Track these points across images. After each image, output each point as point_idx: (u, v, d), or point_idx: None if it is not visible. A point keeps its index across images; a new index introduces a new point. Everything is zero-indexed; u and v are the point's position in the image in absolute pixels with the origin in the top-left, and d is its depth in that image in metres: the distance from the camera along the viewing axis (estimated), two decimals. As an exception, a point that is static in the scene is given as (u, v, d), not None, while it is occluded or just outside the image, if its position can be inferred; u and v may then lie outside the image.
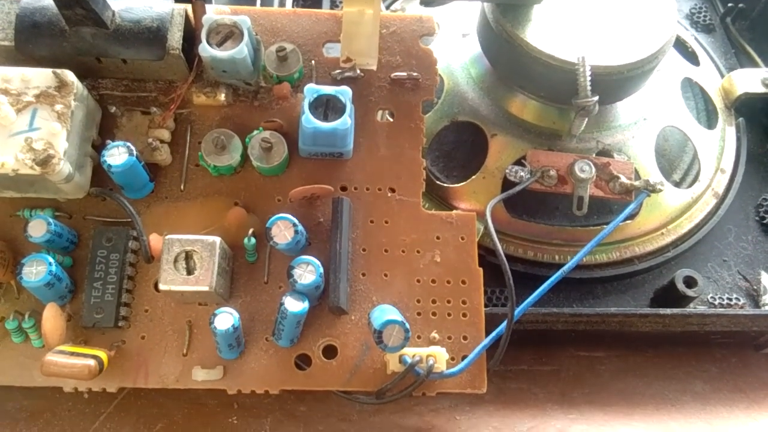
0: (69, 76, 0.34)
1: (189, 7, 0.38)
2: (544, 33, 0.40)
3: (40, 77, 0.34)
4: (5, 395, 0.42)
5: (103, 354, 0.34)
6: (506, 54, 0.42)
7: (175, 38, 0.37)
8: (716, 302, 0.46)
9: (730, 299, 0.47)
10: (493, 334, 0.37)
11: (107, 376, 0.35)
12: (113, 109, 0.38)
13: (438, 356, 0.35)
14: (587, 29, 0.41)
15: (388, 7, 0.56)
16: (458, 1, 0.42)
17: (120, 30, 0.36)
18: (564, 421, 0.44)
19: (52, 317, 0.34)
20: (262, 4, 0.52)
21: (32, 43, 0.36)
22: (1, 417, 0.42)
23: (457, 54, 0.49)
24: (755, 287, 0.47)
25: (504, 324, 0.36)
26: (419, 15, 0.42)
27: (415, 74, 0.41)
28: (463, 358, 0.36)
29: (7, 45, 0.36)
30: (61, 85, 0.34)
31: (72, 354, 0.33)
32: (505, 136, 0.45)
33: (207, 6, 0.39)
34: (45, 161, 0.32)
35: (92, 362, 0.32)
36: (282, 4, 0.53)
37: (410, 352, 0.35)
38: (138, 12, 0.36)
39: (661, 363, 0.47)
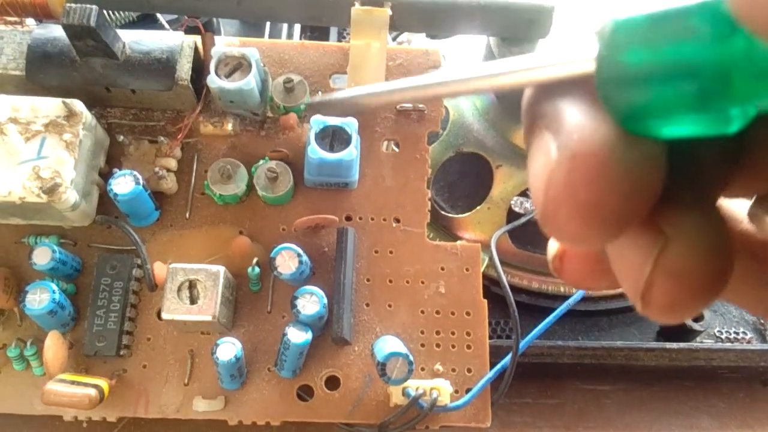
0: (78, 105, 0.34)
1: (198, 38, 0.39)
2: (549, 66, 0.41)
3: (50, 107, 0.34)
4: (5, 423, 0.42)
5: (104, 383, 0.34)
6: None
7: (184, 69, 0.37)
8: (723, 336, 0.46)
9: (737, 333, 0.46)
10: (498, 366, 0.36)
11: (107, 405, 0.34)
12: (121, 138, 0.38)
13: (442, 389, 0.35)
14: (591, 63, 0.41)
15: (394, 40, 0.56)
16: (463, 34, 0.43)
17: (130, 61, 0.37)
18: (569, 456, 0.44)
19: (54, 345, 0.33)
20: (270, 36, 0.53)
21: (43, 72, 0.36)
22: (0, 446, 0.41)
23: (462, 86, 0.49)
24: (762, 321, 0.47)
25: (509, 356, 0.36)
26: (425, 48, 0.43)
27: (420, 106, 0.41)
28: (467, 391, 0.36)
29: (18, 74, 0.37)
30: (70, 115, 0.34)
31: (73, 383, 0.33)
32: (510, 167, 0.45)
33: (216, 38, 0.40)
34: (52, 189, 0.32)
35: (93, 391, 0.32)
36: (290, 36, 0.54)
37: (414, 385, 0.34)
38: (148, 44, 0.37)
39: (667, 397, 0.46)
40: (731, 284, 0.21)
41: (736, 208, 0.20)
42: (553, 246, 0.20)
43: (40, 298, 0.33)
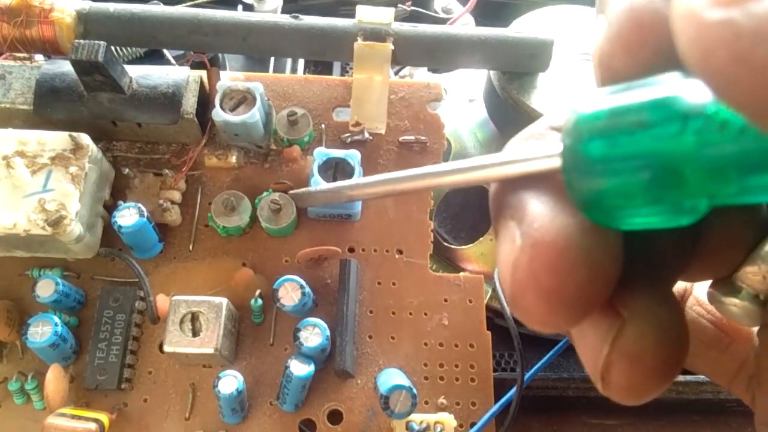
0: (85, 139, 0.35)
1: (204, 73, 0.40)
2: (549, 100, 0.41)
3: (57, 140, 0.35)
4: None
5: (104, 417, 0.33)
6: (512, 119, 0.43)
7: (190, 103, 0.38)
8: (730, 369, 0.45)
9: (745, 366, 0.46)
10: (503, 400, 0.36)
11: (108, 440, 0.34)
12: (126, 171, 0.39)
13: (446, 423, 0.34)
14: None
15: (396, 74, 0.57)
16: (464, 68, 0.43)
17: (136, 95, 0.37)
18: (577, 493, 0.43)
19: (55, 379, 0.33)
20: (274, 71, 0.54)
21: (50, 107, 0.37)
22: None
23: (464, 118, 0.50)
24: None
25: (513, 390, 0.36)
26: (427, 81, 0.43)
27: (422, 138, 0.41)
28: (472, 425, 0.35)
29: (26, 109, 0.37)
30: (77, 148, 0.35)
31: (73, 417, 0.32)
32: (512, 198, 0.45)
33: (221, 73, 0.40)
34: (56, 222, 0.32)
35: (93, 426, 0.32)
36: (294, 70, 0.55)
37: (417, 419, 0.34)
38: (154, 78, 0.38)
39: (675, 431, 0.46)
40: (696, 353, 0.21)
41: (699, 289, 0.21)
42: None
43: (42, 331, 0.33)
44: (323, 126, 0.41)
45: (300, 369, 0.33)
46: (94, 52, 0.34)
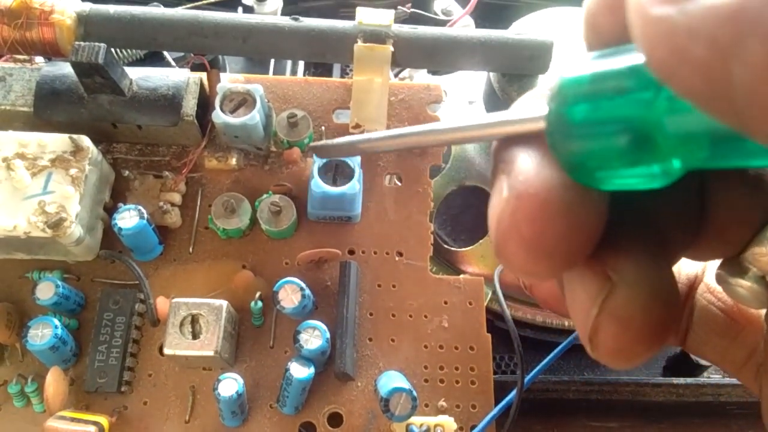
0: (85, 141, 0.35)
1: (204, 75, 0.40)
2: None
3: (57, 142, 0.35)
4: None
5: (104, 420, 0.33)
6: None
7: (190, 105, 0.38)
8: (731, 371, 0.45)
9: (745, 368, 0.45)
10: (503, 402, 0.36)
11: (107, 443, 0.34)
12: (126, 173, 0.39)
13: (446, 426, 0.34)
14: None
15: (396, 75, 0.57)
16: (464, 70, 0.43)
17: (136, 97, 0.37)
18: (577, 495, 0.43)
19: (55, 381, 0.33)
20: (274, 73, 0.54)
21: (51, 109, 0.37)
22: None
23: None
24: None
25: (514, 392, 0.36)
26: (427, 83, 0.43)
27: (422, 140, 0.41)
28: (472, 427, 0.35)
29: (26, 111, 0.37)
30: (77, 150, 0.35)
31: (73, 420, 0.32)
32: (512, 200, 0.45)
33: (221, 74, 0.40)
34: (57, 224, 0.32)
35: (93, 429, 0.32)
36: (294, 72, 0.55)
37: (417, 422, 0.34)
38: (154, 80, 0.38)
39: (676, 434, 0.46)
40: (705, 341, 0.21)
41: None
42: None
43: (42, 334, 0.33)
44: (323, 128, 0.41)
45: (300, 371, 0.33)
46: (95, 54, 0.34)
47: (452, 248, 0.47)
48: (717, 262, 0.20)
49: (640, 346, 0.15)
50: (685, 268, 0.23)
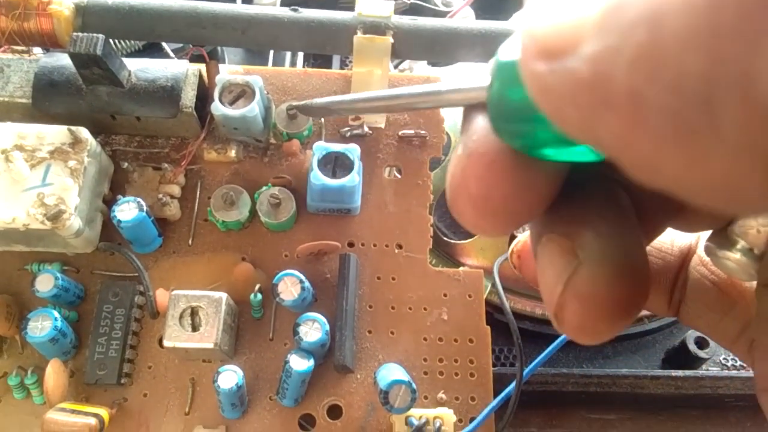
0: (83, 133, 0.35)
1: (203, 66, 0.40)
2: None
3: (55, 134, 0.34)
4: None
5: (104, 412, 0.33)
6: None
7: (189, 97, 0.37)
8: (729, 364, 0.45)
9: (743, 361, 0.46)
10: (502, 395, 0.36)
11: (107, 434, 0.34)
12: (125, 165, 0.39)
13: (445, 418, 0.34)
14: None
15: (396, 67, 0.57)
16: (464, 62, 0.43)
17: (135, 89, 0.37)
18: (575, 486, 0.43)
19: (55, 374, 0.33)
20: (274, 64, 0.54)
21: (49, 100, 0.37)
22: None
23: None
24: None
25: (513, 384, 0.36)
26: (427, 75, 0.43)
27: (422, 132, 0.41)
28: (471, 419, 0.35)
29: (25, 102, 0.37)
30: (75, 142, 0.34)
31: (73, 412, 0.32)
32: (512, 193, 0.45)
33: (220, 66, 0.40)
34: (56, 216, 0.32)
35: (93, 421, 0.32)
36: (293, 64, 0.55)
37: (417, 414, 0.34)
38: (153, 72, 0.37)
39: (674, 426, 0.46)
40: (698, 314, 0.21)
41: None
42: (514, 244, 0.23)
43: (41, 326, 0.33)
44: (322, 120, 0.41)
45: (299, 364, 0.33)
46: (93, 45, 0.34)
47: (452, 241, 0.47)
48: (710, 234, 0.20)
49: (603, 323, 0.16)
50: (678, 239, 0.23)
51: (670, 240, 0.23)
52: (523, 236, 0.24)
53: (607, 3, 0.11)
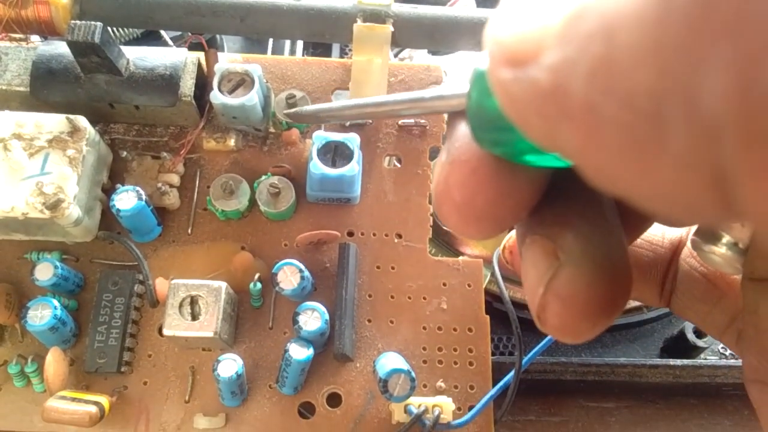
0: (82, 121, 0.35)
1: (202, 55, 0.39)
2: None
3: (54, 123, 0.34)
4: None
5: (104, 400, 0.33)
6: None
7: (188, 85, 0.37)
8: (727, 353, 0.46)
9: (742, 350, 0.46)
10: (501, 383, 0.36)
11: (108, 422, 0.34)
12: (124, 154, 0.38)
13: (444, 406, 0.34)
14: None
15: (396, 56, 0.57)
16: (465, 50, 0.43)
17: (134, 77, 0.37)
18: (573, 474, 0.43)
19: (55, 362, 0.33)
20: (273, 53, 0.54)
21: (47, 89, 0.36)
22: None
23: (463, 101, 0.49)
24: (767, 337, 0.47)
25: (511, 373, 0.36)
26: (427, 64, 0.43)
27: (422, 121, 0.41)
28: (470, 408, 0.36)
29: (23, 91, 0.37)
30: (74, 131, 0.34)
31: (73, 400, 0.33)
32: (511, 182, 0.45)
33: (219, 54, 0.40)
34: (55, 205, 0.32)
35: (93, 409, 0.32)
36: (293, 52, 0.54)
37: (416, 402, 0.34)
38: (152, 60, 0.37)
39: (672, 415, 0.46)
40: (689, 305, 0.22)
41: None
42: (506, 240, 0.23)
43: (41, 315, 0.33)
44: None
45: (299, 353, 0.33)
46: (91, 33, 0.34)
47: (451, 230, 0.46)
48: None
49: (584, 323, 0.16)
50: (669, 232, 0.23)
51: (661, 232, 0.23)
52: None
53: (569, 12, 0.11)
